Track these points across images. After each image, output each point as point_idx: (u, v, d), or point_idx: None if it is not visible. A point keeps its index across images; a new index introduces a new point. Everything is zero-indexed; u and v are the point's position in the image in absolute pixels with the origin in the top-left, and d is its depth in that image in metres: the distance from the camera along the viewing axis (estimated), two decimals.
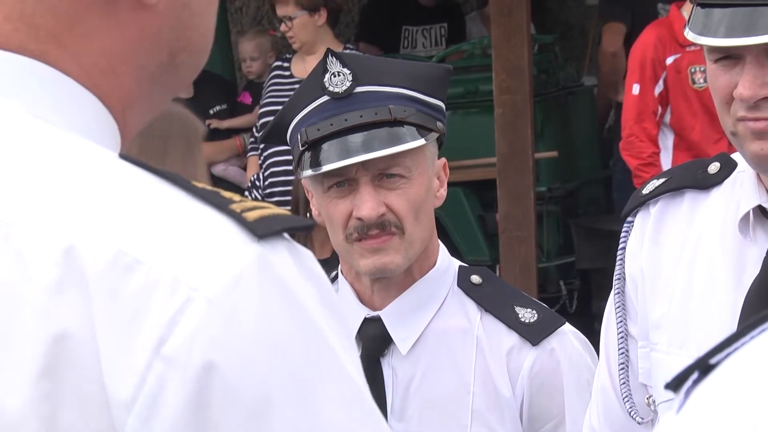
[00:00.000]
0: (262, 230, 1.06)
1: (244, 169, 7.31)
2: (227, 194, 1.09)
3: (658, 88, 6.24)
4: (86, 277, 1.04)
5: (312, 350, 1.07)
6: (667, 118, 6.29)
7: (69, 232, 1.06)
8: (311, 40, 6.62)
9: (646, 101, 6.25)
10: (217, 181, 7.12)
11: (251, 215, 1.07)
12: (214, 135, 7.21)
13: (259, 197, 6.46)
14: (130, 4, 1.17)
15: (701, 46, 2.23)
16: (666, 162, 6.15)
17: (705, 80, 5.94)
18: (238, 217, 1.06)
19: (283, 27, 6.68)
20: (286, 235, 1.08)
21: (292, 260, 1.08)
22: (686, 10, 6.04)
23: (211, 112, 7.10)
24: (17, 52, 1.15)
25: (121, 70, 1.18)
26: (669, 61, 6.21)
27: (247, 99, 7.36)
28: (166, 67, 1.22)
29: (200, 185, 1.10)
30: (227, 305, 1.03)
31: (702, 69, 6.09)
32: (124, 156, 1.12)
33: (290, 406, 1.05)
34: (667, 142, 6.27)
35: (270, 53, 7.57)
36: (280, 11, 6.67)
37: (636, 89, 6.26)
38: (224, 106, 7.20)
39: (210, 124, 7.10)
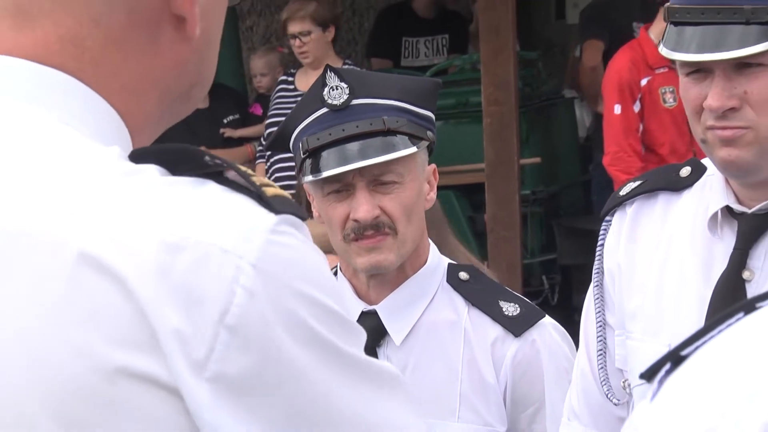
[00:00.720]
0: (278, 206, 1.09)
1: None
2: (245, 169, 1.12)
3: (636, 107, 6.27)
4: (126, 273, 1.04)
5: (330, 300, 1.12)
6: (640, 134, 6.30)
7: (86, 235, 1.06)
8: (322, 55, 6.60)
9: (630, 119, 6.29)
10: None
11: (269, 190, 1.10)
12: (228, 143, 7.26)
13: None
14: (172, 36, 1.18)
15: (674, 60, 2.23)
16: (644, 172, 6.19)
17: (674, 99, 6.08)
18: (258, 195, 1.09)
19: (297, 42, 6.63)
20: (297, 218, 1.11)
21: (303, 237, 1.11)
22: (653, 32, 6.17)
23: (225, 121, 7.15)
24: (56, 68, 1.14)
25: (149, 92, 1.19)
26: (643, 82, 6.25)
27: (257, 110, 7.38)
28: (183, 96, 1.23)
29: (216, 157, 1.13)
30: (267, 268, 1.06)
31: (671, 89, 6.21)
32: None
33: (326, 340, 1.11)
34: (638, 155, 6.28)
35: (278, 69, 7.58)
36: (296, 27, 6.64)
37: (618, 109, 6.28)
38: (237, 116, 7.24)
39: (224, 132, 7.19)
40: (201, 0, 1.17)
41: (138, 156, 1.12)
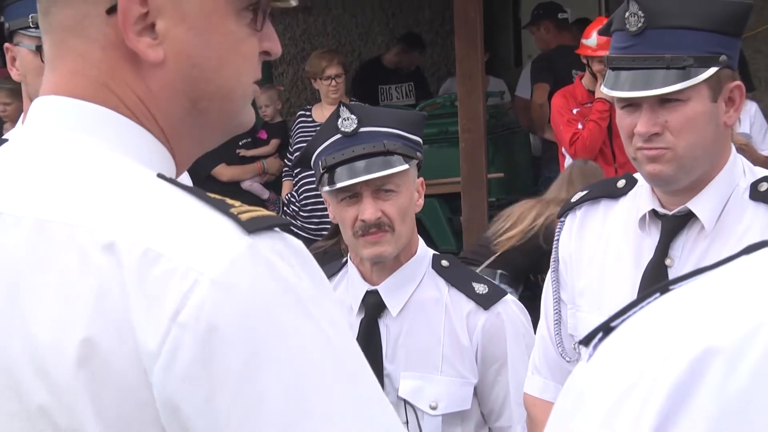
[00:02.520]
0: (251, 227, 1.02)
1: (263, 185, 7.22)
2: (231, 201, 1.06)
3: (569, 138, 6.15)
4: (125, 267, 1.01)
5: (294, 313, 1.02)
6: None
7: (114, 232, 1.03)
8: (342, 93, 6.62)
9: (570, 130, 6.12)
10: (245, 193, 7.08)
11: (244, 216, 1.04)
12: (243, 160, 7.16)
13: (296, 209, 6.48)
14: (146, 64, 1.13)
15: (612, 96, 2.22)
16: None
17: None
18: (234, 218, 1.03)
19: (333, 83, 6.57)
20: (277, 230, 1.05)
21: (278, 247, 1.04)
22: (586, 80, 6.10)
23: (240, 143, 7.09)
24: (83, 99, 1.13)
25: (154, 112, 1.15)
26: (574, 112, 6.16)
27: (263, 135, 7.28)
28: (192, 111, 1.16)
29: (212, 195, 1.07)
30: (225, 282, 1.00)
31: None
32: (160, 175, 1.09)
33: (276, 359, 1.00)
34: None
35: (277, 102, 7.54)
36: (333, 71, 6.56)
37: (562, 127, 6.11)
38: (249, 140, 7.17)
39: (240, 152, 7.10)
40: (163, 32, 1.12)
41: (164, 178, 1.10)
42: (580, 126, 6.04)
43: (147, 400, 1.00)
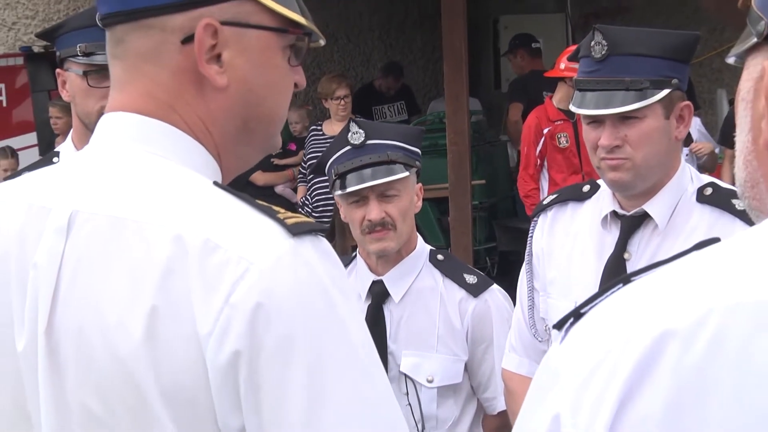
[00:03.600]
0: (295, 230, 1.04)
1: (293, 190, 7.26)
2: (276, 208, 1.08)
3: (538, 149, 6.22)
4: (189, 255, 1.02)
5: (323, 304, 1.04)
6: (545, 167, 6.29)
7: (180, 226, 1.04)
8: (350, 110, 6.68)
9: (530, 158, 6.26)
10: (277, 196, 7.13)
11: (290, 221, 1.06)
12: (276, 168, 7.19)
13: (309, 210, 6.50)
14: (212, 87, 1.13)
15: (577, 114, 2.22)
16: (544, 191, 6.21)
17: (567, 141, 6.09)
18: (281, 222, 1.05)
19: (342, 102, 6.67)
20: (315, 234, 1.06)
21: (315, 250, 1.05)
22: (556, 99, 6.13)
23: (273, 153, 7.11)
24: (149, 116, 1.13)
25: (211, 129, 1.15)
26: (545, 131, 6.20)
27: (292, 147, 7.32)
28: (242, 130, 1.17)
29: (260, 202, 1.09)
30: (271, 274, 1.02)
31: (564, 135, 6.16)
32: (216, 183, 1.11)
33: (307, 336, 1.02)
34: (543, 180, 6.28)
35: (305, 119, 7.61)
36: (343, 92, 6.69)
37: (526, 150, 6.28)
38: (280, 150, 7.20)
39: (273, 161, 7.14)
40: (227, 61, 1.12)
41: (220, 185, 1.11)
42: (539, 148, 6.15)
43: (201, 370, 1.01)
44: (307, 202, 6.63)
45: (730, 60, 0.95)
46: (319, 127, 6.81)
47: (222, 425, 1.02)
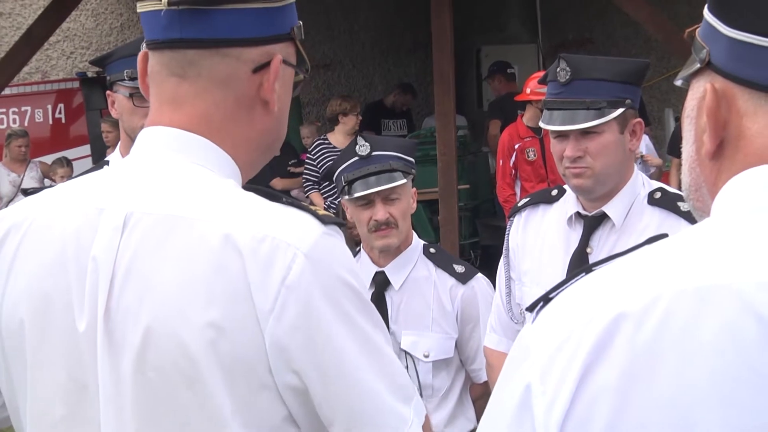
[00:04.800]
0: (325, 220, 1.07)
1: (306, 196, 7.29)
2: (306, 204, 1.10)
3: (511, 161, 6.24)
4: (240, 248, 1.02)
5: (350, 280, 1.07)
6: (518, 176, 6.31)
7: (228, 223, 1.04)
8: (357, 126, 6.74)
9: (506, 168, 6.28)
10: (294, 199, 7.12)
11: (320, 213, 1.08)
12: (292, 175, 7.19)
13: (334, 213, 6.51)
14: (260, 111, 1.13)
15: (545, 129, 2.22)
16: (518, 196, 6.26)
17: (534, 155, 6.15)
18: (314, 213, 1.07)
19: (354, 119, 6.71)
20: (337, 225, 1.09)
21: (339, 237, 1.09)
22: (525, 118, 6.15)
23: (289, 162, 7.12)
24: (194, 133, 1.12)
25: (248, 147, 1.14)
26: (516, 146, 6.22)
27: (304, 157, 7.30)
28: (267, 148, 1.18)
29: (289, 199, 1.10)
30: (313, 256, 1.04)
31: (533, 150, 6.19)
32: (245, 186, 1.12)
33: (341, 303, 1.05)
34: (517, 188, 6.29)
35: (315, 134, 7.60)
36: (357, 109, 6.81)
37: (502, 162, 6.31)
38: (295, 160, 7.21)
39: (289, 169, 7.13)
40: (277, 89, 1.13)
41: (246, 188, 1.11)
42: (512, 161, 6.18)
43: (259, 345, 1.01)
44: (331, 207, 6.63)
45: (678, 82, 0.94)
46: (326, 140, 6.81)
47: (280, 385, 1.04)
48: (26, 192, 7.34)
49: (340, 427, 1.07)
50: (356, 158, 2.49)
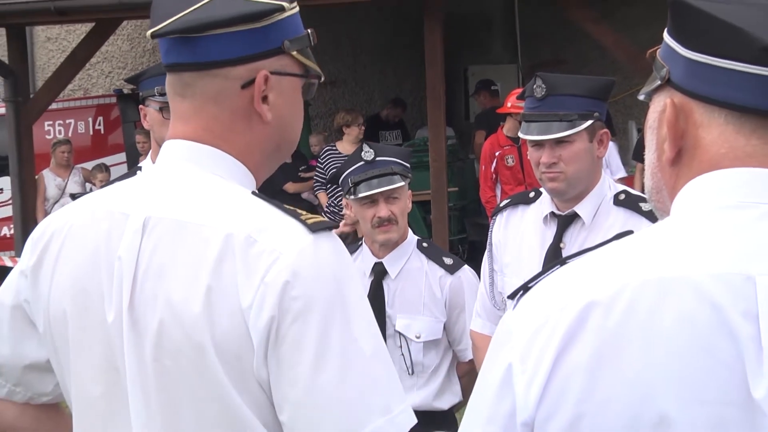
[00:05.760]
0: (314, 228, 1.02)
1: (315, 196, 7.26)
2: (300, 211, 1.06)
3: (492, 167, 6.27)
4: (234, 249, 1.01)
5: (333, 283, 1.01)
6: (498, 180, 6.34)
7: (229, 227, 1.02)
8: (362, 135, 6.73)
9: (488, 173, 6.31)
10: (304, 200, 7.10)
11: (309, 221, 1.03)
12: (302, 179, 7.15)
13: (336, 210, 6.45)
14: (257, 120, 1.10)
15: (522, 139, 2.21)
16: (499, 197, 6.29)
17: (513, 161, 6.19)
18: (303, 222, 1.03)
19: (357, 129, 6.70)
20: (329, 230, 1.04)
21: (328, 243, 1.03)
22: (505, 129, 6.17)
23: (300, 169, 7.11)
24: (204, 143, 1.10)
25: (254, 152, 1.12)
26: (497, 154, 6.26)
27: (314, 163, 7.29)
28: (275, 151, 1.15)
29: (287, 206, 1.06)
30: (296, 260, 0.99)
31: (511, 156, 6.21)
32: (253, 192, 1.09)
33: (319, 306, 0.99)
34: (498, 190, 6.31)
35: (322, 143, 7.60)
36: (361, 120, 6.82)
37: (484, 168, 6.34)
38: (305, 166, 7.20)
39: (300, 174, 7.10)
40: (271, 101, 1.09)
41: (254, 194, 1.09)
42: (492, 167, 6.20)
43: (245, 334, 0.99)
44: (331, 205, 6.62)
45: (641, 97, 0.94)
46: (333, 147, 6.83)
47: (257, 377, 1.00)
48: (73, 196, 7.36)
49: (285, 415, 0.99)
50: (362, 162, 2.48)
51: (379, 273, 2.53)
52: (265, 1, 1.08)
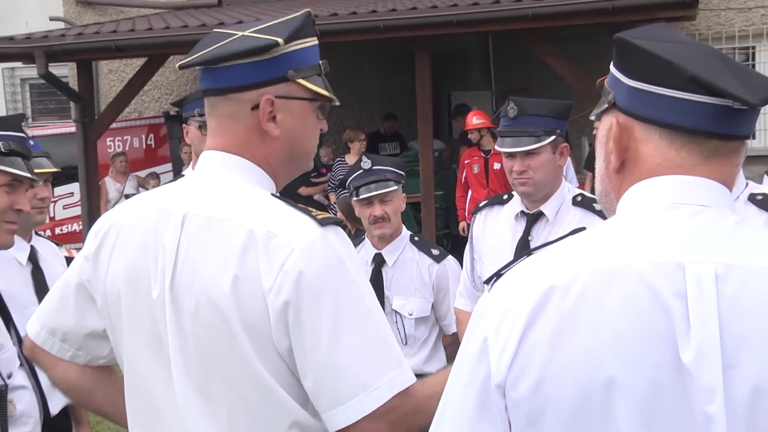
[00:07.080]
0: (323, 222, 1.02)
1: (326, 197, 7.19)
2: (311, 209, 1.05)
3: (464, 175, 6.32)
4: (257, 241, 1.00)
5: (341, 270, 1.00)
6: (469, 186, 6.37)
7: (252, 223, 1.02)
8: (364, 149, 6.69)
9: (460, 178, 6.38)
10: (315, 201, 7.09)
11: (319, 216, 1.03)
12: (314, 184, 7.13)
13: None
14: (269, 136, 1.10)
15: (494, 150, 2.22)
16: (466, 199, 6.32)
17: (477, 169, 6.21)
18: (313, 217, 1.03)
19: (360, 144, 6.67)
20: (335, 225, 1.03)
21: (335, 235, 1.02)
22: (473, 138, 6.26)
23: (312, 175, 7.10)
24: (229, 152, 1.10)
25: (269, 161, 1.12)
26: (466, 162, 6.31)
27: (323, 170, 7.28)
28: (288, 161, 1.13)
29: (301, 205, 1.06)
30: (308, 251, 0.99)
31: (477, 165, 6.22)
32: (273, 194, 1.09)
33: (331, 290, 0.98)
34: (468, 195, 6.33)
35: (331, 154, 7.56)
36: (363, 136, 6.79)
37: (459, 175, 6.38)
38: (316, 173, 7.21)
39: (312, 179, 7.09)
40: (279, 119, 1.09)
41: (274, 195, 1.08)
42: (463, 175, 6.25)
43: (264, 312, 0.99)
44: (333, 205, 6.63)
45: (592, 118, 0.95)
46: (342, 159, 6.85)
47: (277, 345, 1.00)
48: (128, 197, 7.39)
49: (310, 379, 0.99)
50: (361, 171, 2.48)
51: (378, 262, 2.53)
52: (265, 37, 1.07)
